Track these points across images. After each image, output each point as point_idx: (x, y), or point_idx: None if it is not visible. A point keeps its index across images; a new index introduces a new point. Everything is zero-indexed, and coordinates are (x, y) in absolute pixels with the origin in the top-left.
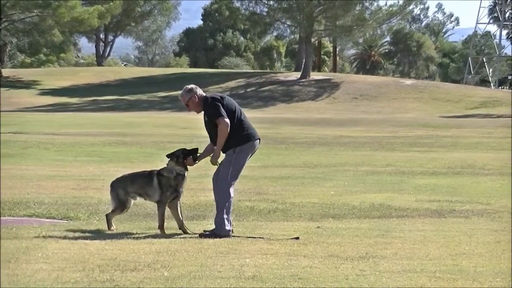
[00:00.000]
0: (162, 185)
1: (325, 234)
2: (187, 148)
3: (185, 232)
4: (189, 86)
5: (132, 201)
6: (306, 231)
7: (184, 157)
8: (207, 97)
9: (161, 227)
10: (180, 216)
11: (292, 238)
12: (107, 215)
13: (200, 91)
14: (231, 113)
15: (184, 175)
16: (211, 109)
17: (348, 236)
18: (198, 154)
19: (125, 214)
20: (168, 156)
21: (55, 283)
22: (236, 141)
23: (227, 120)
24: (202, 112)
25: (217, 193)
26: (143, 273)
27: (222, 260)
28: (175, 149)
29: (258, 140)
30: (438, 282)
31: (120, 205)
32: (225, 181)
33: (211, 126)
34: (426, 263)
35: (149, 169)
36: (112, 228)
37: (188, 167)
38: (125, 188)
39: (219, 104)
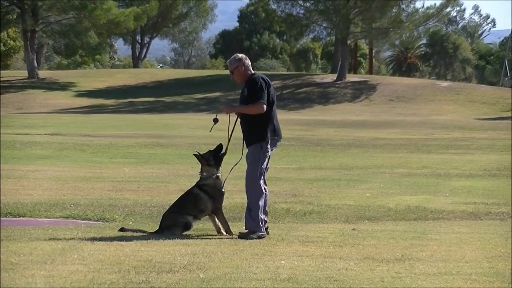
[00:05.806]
0: (210, 194)
1: (360, 236)
2: (212, 150)
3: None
4: (239, 56)
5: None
6: (342, 233)
7: (214, 157)
8: (256, 75)
9: (228, 231)
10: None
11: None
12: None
13: (248, 62)
14: (271, 101)
15: (219, 175)
16: (255, 87)
17: (384, 238)
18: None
19: (160, 217)
20: (200, 158)
21: (90, 284)
22: (263, 132)
23: (265, 107)
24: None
25: (249, 192)
26: (178, 274)
27: (257, 262)
28: (204, 153)
29: (281, 135)
30: (474, 284)
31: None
32: (255, 180)
33: (247, 102)
34: (462, 266)
35: (186, 190)
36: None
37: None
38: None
39: (265, 87)
